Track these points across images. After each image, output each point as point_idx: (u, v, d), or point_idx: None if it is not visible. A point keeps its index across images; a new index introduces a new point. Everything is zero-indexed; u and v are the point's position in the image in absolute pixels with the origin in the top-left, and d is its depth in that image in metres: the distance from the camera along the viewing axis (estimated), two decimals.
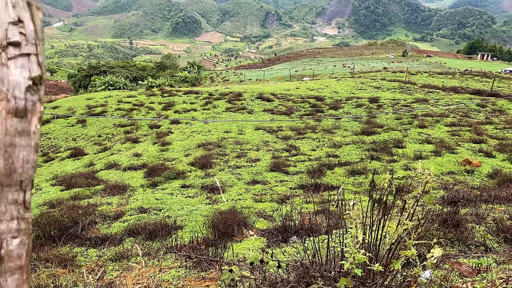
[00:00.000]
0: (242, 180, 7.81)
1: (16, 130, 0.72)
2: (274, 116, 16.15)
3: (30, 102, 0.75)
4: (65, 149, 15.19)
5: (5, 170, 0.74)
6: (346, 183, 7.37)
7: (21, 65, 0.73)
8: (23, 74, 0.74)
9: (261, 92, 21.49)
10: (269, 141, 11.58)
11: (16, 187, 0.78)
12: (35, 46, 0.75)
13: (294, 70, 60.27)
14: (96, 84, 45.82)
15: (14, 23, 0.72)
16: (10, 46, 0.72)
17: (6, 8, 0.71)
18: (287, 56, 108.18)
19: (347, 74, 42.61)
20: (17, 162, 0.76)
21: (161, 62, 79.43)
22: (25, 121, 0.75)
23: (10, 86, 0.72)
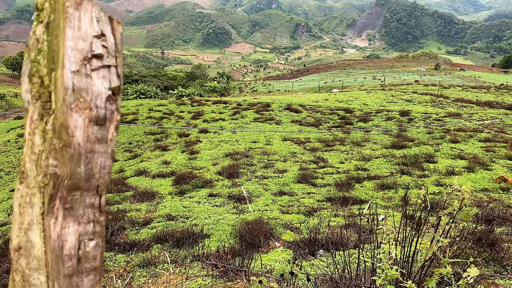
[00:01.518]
0: (269, 191, 7.79)
1: (96, 137, 0.77)
2: (302, 127, 16.08)
3: (109, 111, 0.79)
4: None
5: (85, 175, 0.79)
6: (375, 198, 7.23)
7: (102, 76, 0.78)
8: (104, 84, 0.78)
9: (290, 103, 21.47)
10: (297, 152, 11.53)
11: (93, 191, 0.83)
12: (115, 58, 0.80)
13: (323, 81, 60.01)
14: (128, 93, 46.91)
15: (98, 37, 0.77)
16: (94, 58, 0.77)
17: (91, 23, 0.76)
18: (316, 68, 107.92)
19: (377, 86, 42.09)
20: (95, 167, 0.80)
21: (192, 72, 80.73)
22: (104, 129, 0.79)
23: (93, 96, 0.76)
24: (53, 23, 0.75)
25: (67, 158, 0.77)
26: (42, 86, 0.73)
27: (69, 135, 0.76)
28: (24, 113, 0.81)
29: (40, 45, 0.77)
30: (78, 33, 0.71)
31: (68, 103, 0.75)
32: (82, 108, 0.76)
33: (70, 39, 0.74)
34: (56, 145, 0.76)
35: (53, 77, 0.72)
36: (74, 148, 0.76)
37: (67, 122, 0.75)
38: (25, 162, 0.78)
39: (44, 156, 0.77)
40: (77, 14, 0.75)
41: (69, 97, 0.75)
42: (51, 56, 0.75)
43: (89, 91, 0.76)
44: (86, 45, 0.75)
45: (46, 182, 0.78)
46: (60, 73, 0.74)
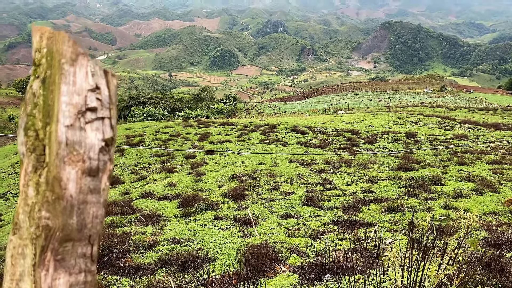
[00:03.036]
0: (275, 213, 7.74)
1: (89, 188, 0.79)
2: (308, 149, 16.08)
3: (102, 162, 0.81)
4: None
5: (77, 226, 0.80)
6: (382, 221, 7.16)
7: (96, 128, 0.80)
8: (98, 136, 0.80)
9: (296, 124, 21.53)
10: (303, 174, 11.49)
11: (85, 241, 0.83)
12: (109, 110, 0.82)
13: (329, 103, 60.25)
14: (135, 115, 47.33)
15: (92, 90, 0.79)
16: (88, 111, 0.79)
17: (86, 77, 0.79)
18: (322, 90, 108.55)
19: (383, 108, 42.17)
20: (87, 218, 0.81)
21: (199, 94, 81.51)
22: (96, 180, 0.81)
23: (87, 148, 0.78)
24: (49, 78, 0.77)
25: (60, 210, 0.78)
26: (37, 139, 0.76)
27: (62, 188, 0.77)
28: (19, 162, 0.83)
29: (36, 99, 0.79)
30: (73, 88, 0.74)
31: (62, 156, 0.76)
32: (75, 161, 0.78)
33: (65, 94, 0.76)
34: (49, 198, 0.77)
35: (47, 131, 0.74)
36: (66, 200, 0.77)
37: (60, 175, 0.76)
38: (19, 214, 0.79)
39: (37, 208, 0.78)
40: (72, 70, 0.77)
41: (62, 151, 0.76)
42: (46, 110, 0.77)
43: (82, 144, 0.78)
44: (81, 99, 0.77)
45: (38, 234, 0.79)
46: (55, 127, 0.76)
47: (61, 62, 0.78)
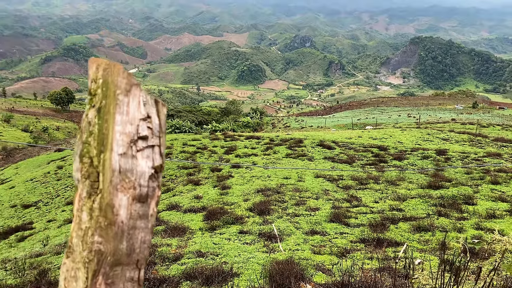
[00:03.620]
0: (301, 229, 7.65)
1: (138, 214, 0.81)
2: (335, 164, 15.90)
3: (151, 188, 0.84)
4: None
5: (127, 251, 0.83)
6: (411, 240, 6.96)
7: (146, 156, 0.83)
8: (148, 164, 0.83)
9: (322, 139, 21.38)
10: (329, 190, 11.35)
11: (133, 265, 0.86)
12: (159, 138, 0.85)
13: (357, 118, 59.65)
14: None
15: (144, 119, 0.83)
16: (139, 140, 0.82)
17: (139, 107, 0.82)
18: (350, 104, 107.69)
19: (412, 124, 41.41)
20: (136, 243, 0.84)
21: (226, 108, 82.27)
22: (145, 206, 0.84)
23: (137, 176, 0.82)
24: (104, 108, 0.81)
25: (111, 236, 0.81)
26: (92, 166, 0.79)
27: (114, 214, 0.80)
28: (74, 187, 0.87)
29: (91, 127, 0.83)
30: (126, 117, 0.78)
31: (115, 184, 0.80)
32: (127, 188, 0.81)
33: (119, 124, 0.80)
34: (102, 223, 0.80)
35: (102, 158, 0.78)
36: (118, 226, 0.80)
37: (113, 201, 0.80)
38: (72, 237, 0.83)
39: (90, 233, 0.82)
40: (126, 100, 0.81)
41: (115, 178, 0.80)
42: (101, 138, 0.81)
43: (134, 171, 0.81)
44: (133, 128, 0.81)
45: (90, 258, 0.82)
46: (109, 155, 0.80)
47: (116, 92, 0.82)
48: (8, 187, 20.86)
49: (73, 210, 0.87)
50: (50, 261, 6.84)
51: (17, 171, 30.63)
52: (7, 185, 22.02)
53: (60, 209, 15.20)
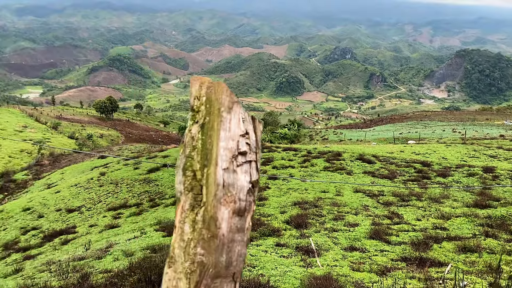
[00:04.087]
0: (339, 245, 7.48)
1: (236, 227, 0.83)
2: (375, 179, 15.52)
3: (248, 202, 0.86)
4: (170, 197, 16.13)
5: (226, 263, 0.84)
6: (456, 260, 6.65)
7: (245, 171, 0.85)
8: (246, 178, 0.85)
9: (362, 153, 20.96)
10: (369, 205, 11.07)
11: (230, 278, 0.88)
12: (255, 154, 0.87)
13: (398, 132, 58.20)
14: None
15: (243, 135, 0.85)
16: (239, 155, 0.84)
17: (239, 124, 0.84)
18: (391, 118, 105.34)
19: (457, 139, 39.92)
20: (233, 256, 0.85)
21: (263, 119, 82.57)
22: (243, 219, 0.86)
23: (238, 190, 0.84)
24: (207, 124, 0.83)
25: (214, 248, 0.82)
26: (195, 179, 0.82)
27: (217, 227, 0.82)
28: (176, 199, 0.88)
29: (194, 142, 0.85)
30: (228, 133, 0.80)
31: (219, 197, 0.82)
32: (229, 202, 0.83)
33: (223, 140, 0.82)
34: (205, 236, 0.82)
35: (205, 172, 0.80)
36: (219, 239, 0.82)
37: (216, 215, 0.82)
38: (174, 248, 0.85)
39: (192, 245, 0.83)
40: (229, 117, 0.83)
41: (219, 192, 0.82)
42: (204, 153, 0.83)
43: (235, 186, 0.82)
44: (234, 144, 0.83)
45: (193, 269, 0.84)
46: (213, 170, 0.82)
47: (220, 110, 0.84)
48: (54, 192, 21.74)
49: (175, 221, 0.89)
50: (92, 265, 7.02)
51: (62, 176, 31.94)
52: (53, 190, 22.97)
53: (102, 215, 15.66)
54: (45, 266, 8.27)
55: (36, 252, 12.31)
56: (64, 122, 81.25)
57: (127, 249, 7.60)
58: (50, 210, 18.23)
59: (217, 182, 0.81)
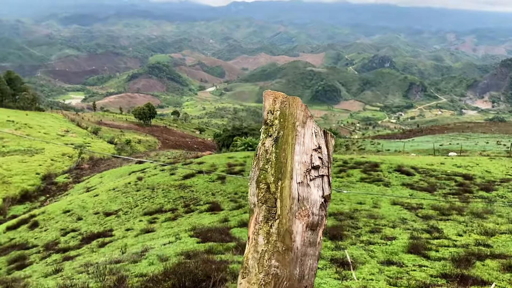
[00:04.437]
0: (375, 258, 7.27)
1: (309, 241, 0.83)
2: (414, 191, 15.07)
3: (320, 217, 0.86)
4: (204, 203, 16.27)
5: (299, 276, 0.85)
6: (500, 280, 6.31)
7: (317, 185, 0.85)
8: (319, 193, 0.85)
9: (400, 164, 20.43)
10: (407, 219, 10.73)
11: None
12: (327, 168, 0.87)
13: (439, 143, 56.45)
14: (237, 144, 49.17)
15: (316, 150, 0.85)
16: (312, 169, 0.84)
17: (312, 138, 0.84)
18: (431, 129, 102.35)
19: (502, 152, 38.25)
20: (305, 269, 0.85)
21: None
22: (315, 234, 0.86)
23: (311, 204, 0.84)
24: (281, 138, 0.83)
25: (288, 261, 0.82)
26: (268, 192, 0.82)
27: (292, 240, 0.82)
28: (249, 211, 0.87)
29: (268, 155, 0.86)
30: (303, 148, 0.79)
31: (294, 211, 0.82)
32: (303, 216, 0.83)
33: (298, 154, 0.82)
34: (280, 248, 0.82)
35: (279, 185, 0.80)
36: (294, 252, 0.82)
37: (291, 228, 0.82)
38: (248, 259, 0.85)
39: (266, 257, 0.84)
40: (303, 131, 0.83)
41: (295, 206, 0.82)
42: (278, 166, 0.83)
43: (309, 200, 0.82)
44: (308, 158, 0.83)
45: (267, 280, 0.84)
46: (288, 183, 0.82)
47: (295, 124, 0.85)
48: (93, 195, 22.42)
49: (248, 232, 0.90)
50: (127, 269, 7.14)
51: (101, 180, 32.92)
52: (92, 193, 23.69)
53: (138, 219, 15.98)
54: (83, 267, 8.50)
55: (74, 253, 12.69)
56: (104, 127, 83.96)
57: (162, 254, 7.70)
58: (89, 213, 18.78)
59: (292, 196, 0.80)
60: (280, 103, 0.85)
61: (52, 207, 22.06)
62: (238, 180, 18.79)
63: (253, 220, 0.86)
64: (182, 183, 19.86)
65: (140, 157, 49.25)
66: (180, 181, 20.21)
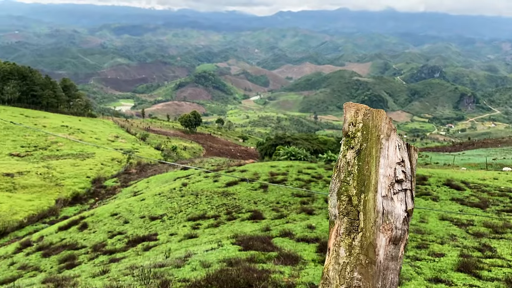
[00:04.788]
0: (422, 275, 7.00)
1: (391, 255, 0.84)
2: (464, 207, 14.40)
3: (402, 231, 0.87)
4: (246, 211, 16.34)
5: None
6: None
7: (400, 199, 0.86)
8: (402, 207, 0.86)
9: (450, 178, 19.62)
10: (457, 235, 10.26)
11: None
12: (410, 182, 0.87)
13: (492, 157, 53.74)
14: (280, 153, 49.01)
15: (399, 163, 0.86)
16: (396, 183, 0.85)
17: (395, 151, 0.85)
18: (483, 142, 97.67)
19: None
20: (387, 284, 0.86)
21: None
22: (397, 248, 0.86)
23: (395, 218, 0.85)
24: (364, 150, 0.84)
25: (371, 274, 0.83)
26: (350, 204, 0.83)
27: (375, 254, 0.83)
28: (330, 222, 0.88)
29: (350, 168, 0.87)
30: (387, 161, 0.80)
31: (378, 224, 0.82)
32: (387, 229, 0.83)
33: (382, 167, 0.83)
34: (363, 261, 0.83)
35: (362, 198, 0.80)
36: (377, 266, 0.83)
37: (375, 241, 0.82)
38: (328, 270, 0.86)
39: (348, 269, 0.85)
40: (387, 144, 0.84)
41: (379, 219, 0.82)
42: (361, 179, 0.84)
43: (392, 214, 0.83)
44: (391, 172, 0.83)
45: None
46: (372, 196, 0.82)
47: (380, 137, 0.86)
48: (140, 199, 23.09)
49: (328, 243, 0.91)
50: (171, 273, 7.28)
51: (147, 184, 33.89)
52: (139, 197, 24.41)
53: (182, 224, 16.28)
54: (129, 270, 8.74)
55: (120, 255, 13.10)
56: (151, 133, 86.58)
57: (205, 260, 7.79)
58: (135, 217, 19.35)
59: (377, 209, 0.80)
60: (363, 115, 0.84)
61: (101, 210, 22.92)
62: (281, 190, 18.73)
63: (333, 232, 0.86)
64: (225, 190, 20.06)
65: (185, 163, 50.31)
66: (223, 188, 20.42)
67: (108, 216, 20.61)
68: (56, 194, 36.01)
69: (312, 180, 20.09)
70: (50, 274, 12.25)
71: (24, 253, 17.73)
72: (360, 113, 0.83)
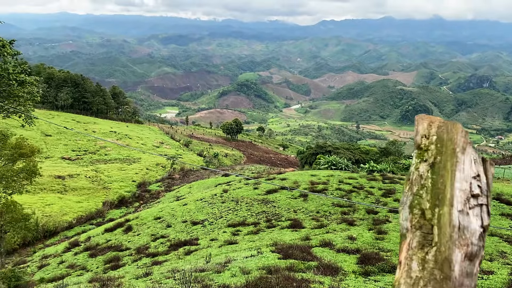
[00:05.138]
0: None
1: (466, 272, 0.87)
2: None
3: (478, 247, 0.90)
4: (286, 219, 16.34)
5: None
6: None
7: (476, 214, 0.90)
8: (478, 222, 0.89)
9: (499, 192, 18.75)
10: (507, 252, 9.81)
11: None
12: (486, 198, 0.91)
13: None
14: (320, 162, 48.53)
15: (475, 177, 0.89)
16: (471, 198, 0.89)
17: (471, 165, 0.89)
18: None
19: None
20: None
21: (386, 148, 79.05)
22: (472, 264, 0.89)
23: (471, 233, 0.88)
24: (438, 164, 0.88)
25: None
26: (423, 218, 0.87)
27: (451, 269, 0.86)
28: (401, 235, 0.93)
29: (423, 181, 0.91)
30: (462, 174, 0.84)
31: (454, 240, 0.86)
32: (462, 245, 0.86)
33: (458, 181, 0.86)
34: (437, 276, 0.86)
35: (436, 212, 0.85)
36: (452, 281, 0.86)
37: (450, 257, 0.86)
38: (400, 284, 0.91)
39: (422, 283, 0.88)
40: (463, 158, 0.87)
41: (455, 234, 0.86)
42: (435, 193, 0.88)
43: (468, 229, 0.86)
44: (467, 186, 0.86)
45: None
46: (447, 210, 0.86)
47: (456, 150, 0.89)
48: (182, 204, 23.60)
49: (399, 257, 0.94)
50: (211, 278, 7.43)
51: (190, 190, 34.55)
52: (181, 202, 24.95)
53: (222, 230, 16.50)
54: (170, 273, 8.98)
55: (162, 259, 13.45)
56: (194, 140, 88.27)
57: (244, 267, 7.88)
58: (177, 221, 19.80)
59: (453, 224, 0.83)
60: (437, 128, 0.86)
61: (145, 213, 23.60)
62: (321, 199, 18.59)
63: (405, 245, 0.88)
64: (265, 198, 20.15)
65: (226, 170, 50.90)
66: (263, 196, 20.52)
67: (152, 219, 21.20)
68: (103, 196, 37.46)
69: (353, 191, 19.80)
70: (96, 274, 12.77)
71: (73, 252, 18.56)
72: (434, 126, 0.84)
